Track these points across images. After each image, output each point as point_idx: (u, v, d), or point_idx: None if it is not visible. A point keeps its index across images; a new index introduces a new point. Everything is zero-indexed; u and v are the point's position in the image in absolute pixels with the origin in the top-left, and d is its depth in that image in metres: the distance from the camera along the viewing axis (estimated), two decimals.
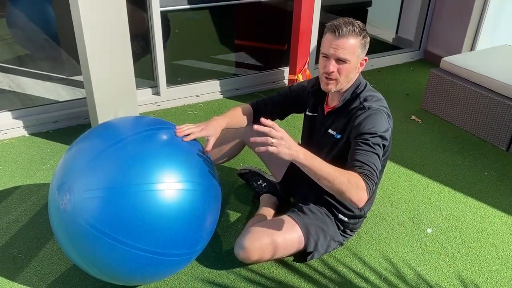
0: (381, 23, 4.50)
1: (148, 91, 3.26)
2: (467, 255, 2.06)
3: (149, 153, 1.55)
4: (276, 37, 3.77)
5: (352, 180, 1.58)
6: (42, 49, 3.26)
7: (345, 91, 1.84)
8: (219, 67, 3.63)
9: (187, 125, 1.74)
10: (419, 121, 3.22)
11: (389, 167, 2.66)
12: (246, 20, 3.65)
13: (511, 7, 3.82)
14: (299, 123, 2.15)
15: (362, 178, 1.60)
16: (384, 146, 1.72)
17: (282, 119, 2.17)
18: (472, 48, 3.94)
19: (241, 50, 3.75)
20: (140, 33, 3.11)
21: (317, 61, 1.88)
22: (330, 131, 1.89)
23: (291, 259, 1.99)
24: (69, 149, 1.66)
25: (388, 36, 4.53)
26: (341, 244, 2.03)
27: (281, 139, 1.51)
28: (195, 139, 1.73)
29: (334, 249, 2.03)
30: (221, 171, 2.52)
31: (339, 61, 1.74)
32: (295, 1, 3.18)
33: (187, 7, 3.29)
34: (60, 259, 1.96)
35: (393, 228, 2.21)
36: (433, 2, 4.04)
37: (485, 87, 2.96)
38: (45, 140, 2.84)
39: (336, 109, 1.88)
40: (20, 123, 2.89)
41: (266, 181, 2.32)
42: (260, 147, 1.51)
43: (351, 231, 2.05)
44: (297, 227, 1.90)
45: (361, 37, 1.73)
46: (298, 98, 2.07)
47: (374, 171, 1.63)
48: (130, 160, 1.51)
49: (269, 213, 2.13)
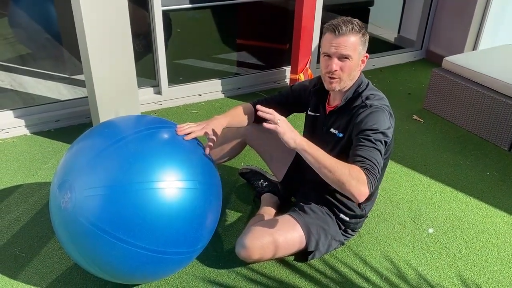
0: (383, 23, 4.49)
1: (149, 90, 3.27)
2: (469, 255, 2.05)
3: (150, 152, 1.55)
4: (277, 36, 3.76)
5: (353, 172, 1.58)
6: (44, 48, 3.26)
7: (347, 90, 1.84)
8: (220, 66, 3.63)
9: (188, 124, 1.75)
10: (421, 120, 3.21)
11: (391, 166, 2.66)
12: (247, 19, 3.64)
13: None
14: (300, 123, 2.15)
15: (363, 171, 1.60)
16: (386, 143, 1.72)
17: None
18: (474, 47, 3.93)
19: (243, 49, 3.75)
20: (141, 32, 3.11)
21: (319, 60, 1.88)
22: (332, 130, 1.89)
23: (292, 258, 1.99)
24: (70, 148, 1.66)
25: (390, 35, 4.52)
26: (342, 243, 2.03)
27: (284, 122, 1.62)
28: (196, 138, 1.73)
29: (335, 249, 2.02)
30: (222, 170, 2.52)
31: (342, 58, 1.74)
32: (296, 0, 3.18)
33: (189, 6, 3.29)
34: (61, 257, 1.96)
35: (395, 228, 2.20)
36: (435, 1, 4.03)
37: (487, 87, 2.95)
38: (47, 139, 2.85)
39: (338, 108, 1.87)
40: (22, 122, 2.89)
41: (267, 180, 2.32)
42: (268, 124, 1.60)
43: (352, 230, 2.05)
44: (298, 227, 1.90)
45: (361, 34, 1.75)
46: (299, 97, 2.07)
47: (375, 166, 1.63)
48: (131, 158, 1.52)
49: (270, 212, 2.13)
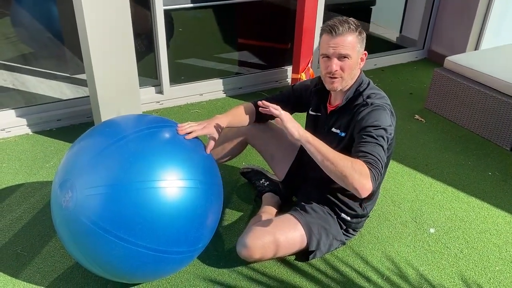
0: (385, 22, 4.48)
1: (151, 89, 3.27)
2: (470, 255, 2.05)
3: (151, 151, 1.55)
4: (279, 36, 3.76)
5: (356, 166, 1.58)
6: (46, 48, 3.26)
7: (348, 89, 1.84)
8: (222, 66, 3.63)
9: (189, 123, 1.75)
10: (423, 120, 3.21)
11: (392, 166, 2.66)
12: (249, 19, 3.64)
13: None
14: (301, 123, 2.14)
15: (366, 165, 1.59)
16: (388, 139, 1.71)
17: None
18: (476, 47, 3.92)
19: (244, 49, 3.75)
20: (143, 32, 3.11)
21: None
22: (333, 129, 1.89)
23: (293, 258, 1.99)
24: (71, 147, 1.67)
25: (392, 35, 4.51)
26: (344, 243, 2.03)
27: (287, 115, 1.70)
28: (197, 137, 1.73)
29: (336, 248, 2.02)
30: (224, 170, 2.52)
31: (341, 58, 1.74)
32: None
33: (191, 6, 3.29)
34: (62, 256, 1.96)
35: (396, 227, 2.20)
36: (437, 1, 4.02)
37: (489, 87, 2.95)
38: (49, 138, 2.85)
39: (339, 108, 1.87)
40: (23, 121, 2.90)
41: (268, 180, 2.32)
42: (273, 112, 1.69)
43: (354, 230, 2.04)
44: (299, 226, 1.90)
45: (358, 33, 1.75)
46: (301, 97, 2.07)
47: (378, 160, 1.62)
48: (132, 157, 1.52)
49: (272, 211, 2.13)
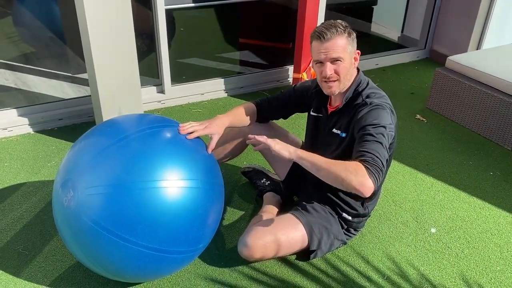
0: (386, 22, 4.48)
1: (152, 89, 3.27)
2: (471, 255, 2.05)
3: (153, 151, 1.56)
4: (280, 35, 3.76)
5: (349, 167, 1.59)
6: (48, 47, 3.27)
7: (347, 90, 1.84)
8: (223, 65, 3.63)
9: (190, 123, 1.75)
10: (424, 120, 3.20)
11: (393, 166, 2.65)
12: (250, 18, 3.64)
13: None
14: (303, 122, 2.15)
15: (362, 164, 1.59)
16: (388, 136, 1.70)
17: (285, 118, 2.17)
18: (478, 47, 3.91)
19: (246, 48, 3.75)
20: (145, 31, 3.11)
21: None
22: (334, 130, 1.89)
23: (294, 257, 1.99)
24: (73, 146, 1.67)
25: (393, 34, 4.51)
26: (345, 243, 2.03)
27: (275, 141, 1.72)
28: (198, 137, 1.73)
29: (337, 248, 2.02)
30: (225, 169, 2.53)
31: (334, 61, 1.74)
32: None
33: (192, 5, 3.29)
34: (64, 255, 1.97)
35: (397, 227, 2.20)
36: (439, 0, 4.02)
37: (491, 87, 2.94)
38: (50, 137, 2.86)
39: (339, 109, 1.87)
40: (25, 120, 2.90)
41: (269, 179, 2.32)
42: (258, 147, 1.75)
43: (355, 230, 2.04)
44: (300, 226, 1.90)
45: (347, 34, 1.74)
46: (302, 98, 2.07)
47: (376, 157, 1.61)
48: (133, 157, 1.52)
49: (273, 211, 2.13)
